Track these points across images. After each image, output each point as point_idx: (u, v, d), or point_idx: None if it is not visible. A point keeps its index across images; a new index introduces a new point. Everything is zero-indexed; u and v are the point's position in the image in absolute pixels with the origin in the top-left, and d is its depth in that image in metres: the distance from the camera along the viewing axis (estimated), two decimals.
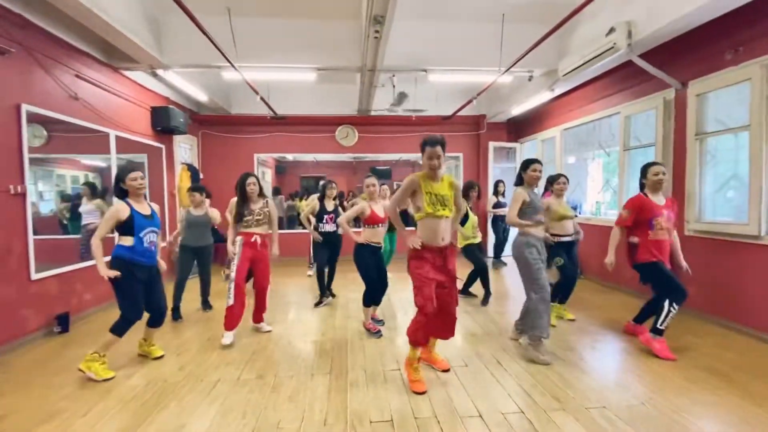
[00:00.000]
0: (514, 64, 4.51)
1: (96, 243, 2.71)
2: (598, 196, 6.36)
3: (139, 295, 2.87)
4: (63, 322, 3.68)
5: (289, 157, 11.34)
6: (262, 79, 5.21)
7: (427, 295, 2.50)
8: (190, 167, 6.50)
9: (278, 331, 3.70)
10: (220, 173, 7.21)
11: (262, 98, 5.64)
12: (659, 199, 3.18)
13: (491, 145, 7.48)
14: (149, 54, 4.38)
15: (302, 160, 11.91)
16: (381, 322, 3.86)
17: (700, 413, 2.26)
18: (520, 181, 3.28)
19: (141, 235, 2.81)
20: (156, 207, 3.06)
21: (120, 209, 2.75)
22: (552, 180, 3.89)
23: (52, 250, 3.86)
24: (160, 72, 4.89)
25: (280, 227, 7.40)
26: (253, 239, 3.53)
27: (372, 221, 3.59)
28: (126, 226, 2.77)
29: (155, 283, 2.99)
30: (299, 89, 6.98)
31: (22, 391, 2.60)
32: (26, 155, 3.45)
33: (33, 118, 3.57)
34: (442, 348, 3.08)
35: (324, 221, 4.50)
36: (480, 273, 4.56)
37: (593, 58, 4.24)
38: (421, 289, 2.53)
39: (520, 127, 7.67)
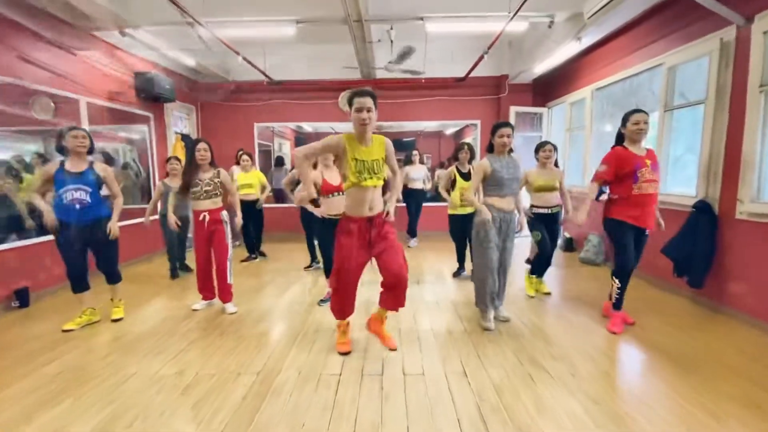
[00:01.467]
0: (523, 4, 3.66)
1: (34, 197, 2.89)
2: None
3: (67, 251, 2.99)
4: (22, 297, 3.56)
5: (308, 128, 10.94)
6: (237, 35, 4.68)
7: (342, 280, 2.47)
8: (184, 137, 6.25)
9: (236, 315, 3.36)
10: (220, 144, 6.90)
11: (244, 58, 5.16)
12: (639, 150, 2.87)
13: (512, 110, 6.54)
14: (109, 10, 4.01)
15: (322, 131, 11.46)
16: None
17: None
18: (490, 148, 2.94)
19: (60, 192, 2.89)
20: (103, 169, 3.08)
21: (50, 166, 2.95)
22: (537, 148, 3.68)
23: None
24: (131, 32, 4.52)
25: (284, 200, 7.12)
26: (201, 218, 3.27)
27: (325, 190, 3.18)
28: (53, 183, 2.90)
29: (95, 243, 3.06)
30: (297, 52, 6.42)
31: None
32: None
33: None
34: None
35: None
36: (457, 244, 4.38)
37: None
38: (339, 272, 2.47)
39: (547, 89, 6.65)
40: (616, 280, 2.96)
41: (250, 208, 5.04)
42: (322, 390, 2.21)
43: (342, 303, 2.58)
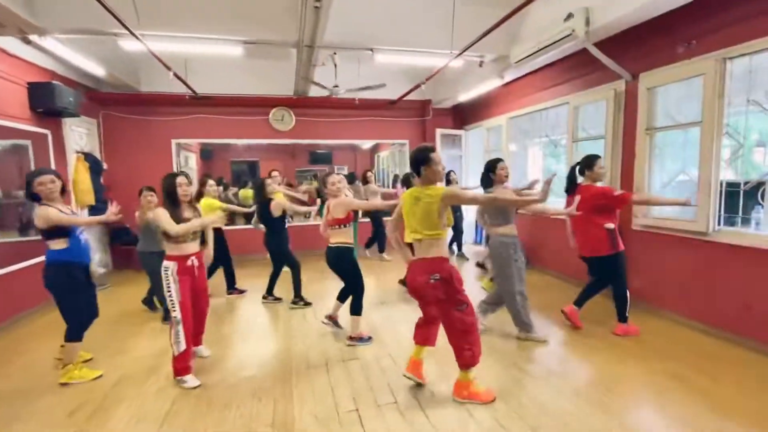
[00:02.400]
0: (467, 49, 4.15)
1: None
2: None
3: (83, 294, 2.83)
4: None
5: (218, 141, 10.17)
6: (176, 51, 4.29)
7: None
8: (88, 156, 5.38)
9: (208, 361, 3.08)
10: (129, 163, 6.12)
11: (176, 74, 4.72)
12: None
13: (438, 132, 7.17)
14: (13, 13, 3.33)
15: (232, 143, 10.75)
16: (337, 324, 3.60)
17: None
18: (489, 183, 3.25)
19: (77, 233, 2.78)
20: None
21: (50, 213, 2.61)
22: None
23: None
24: (35, 39, 3.79)
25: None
26: (189, 262, 2.77)
27: (330, 224, 3.28)
28: (59, 229, 2.67)
29: (91, 284, 2.94)
30: (226, 65, 6.05)
31: None
32: None
33: None
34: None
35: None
36: None
37: (548, 45, 4.01)
38: None
39: (465, 114, 7.45)
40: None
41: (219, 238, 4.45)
42: (348, 428, 2.25)
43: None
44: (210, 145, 11.40)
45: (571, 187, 3.49)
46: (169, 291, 2.66)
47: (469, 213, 6.62)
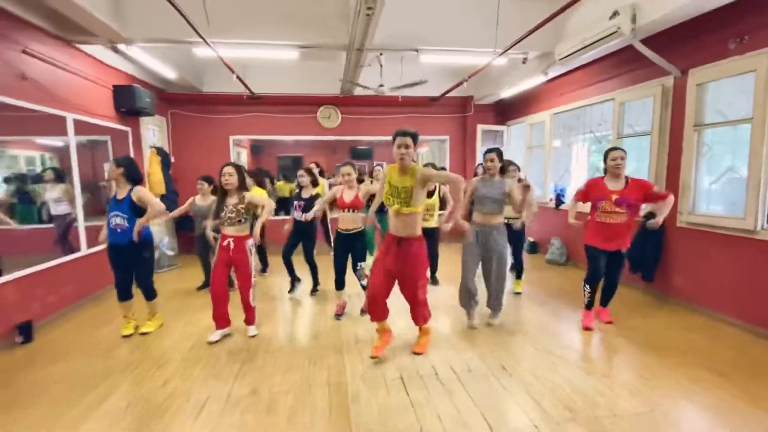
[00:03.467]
0: (513, 45, 4.27)
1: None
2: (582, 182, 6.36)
3: (113, 268, 3.38)
4: (25, 332, 3.33)
5: (267, 137, 10.78)
6: (239, 56, 4.74)
7: (372, 281, 2.91)
8: (159, 151, 6.00)
9: (266, 334, 3.49)
10: (192, 157, 6.73)
11: (238, 77, 5.18)
12: (616, 184, 3.31)
13: (479, 128, 7.28)
14: (107, 26, 3.87)
15: (278, 139, 11.34)
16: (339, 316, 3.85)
17: (698, 415, 2.25)
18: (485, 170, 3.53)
19: (108, 217, 3.28)
20: (138, 192, 3.29)
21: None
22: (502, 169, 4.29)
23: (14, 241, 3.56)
24: (121, 47, 4.35)
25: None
26: (225, 242, 3.24)
27: (339, 206, 3.62)
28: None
29: (131, 262, 3.36)
30: (278, 67, 6.50)
31: None
32: None
33: None
34: (445, 349, 2.99)
35: (294, 207, 4.33)
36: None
37: (594, 43, 4.05)
38: (372, 275, 2.94)
39: (507, 110, 7.49)
40: (587, 286, 3.49)
41: None
42: (394, 393, 2.53)
43: (372, 301, 2.98)
44: (259, 142, 12.11)
45: None
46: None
47: None
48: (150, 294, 3.53)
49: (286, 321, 3.86)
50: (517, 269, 4.55)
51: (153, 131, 6.18)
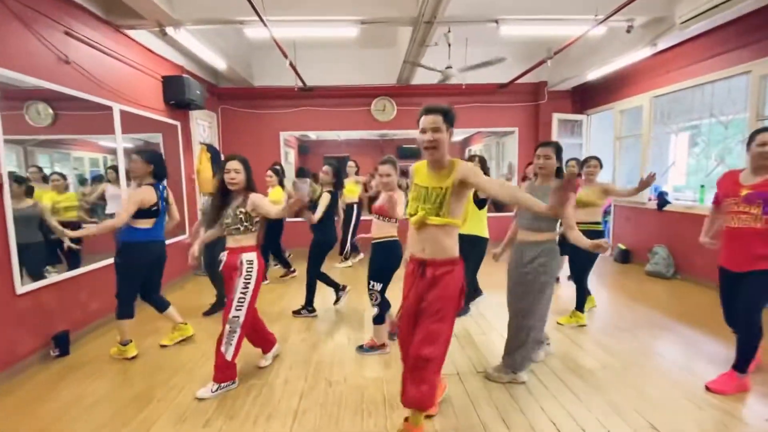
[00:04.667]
0: (621, 8, 3.42)
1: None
2: (682, 178, 5.29)
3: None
4: (61, 343, 2.97)
5: (312, 135, 10.43)
6: (293, 36, 4.25)
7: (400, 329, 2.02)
8: (209, 148, 5.66)
9: (322, 356, 2.90)
10: (243, 154, 6.34)
11: (291, 64, 4.70)
12: (756, 177, 2.35)
13: (555, 117, 6.36)
14: (156, 5, 3.49)
15: (325, 138, 10.95)
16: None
17: None
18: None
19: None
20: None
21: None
22: (582, 163, 3.56)
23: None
24: (170, 31, 3.99)
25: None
26: (219, 257, 2.56)
27: (375, 211, 2.91)
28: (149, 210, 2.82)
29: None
30: (329, 56, 6.02)
31: None
32: (0, 139, 2.65)
33: (9, 93, 2.76)
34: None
35: None
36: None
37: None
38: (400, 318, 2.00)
39: (587, 96, 6.52)
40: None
41: (271, 225, 4.33)
42: None
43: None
44: (306, 142, 11.84)
45: None
46: None
47: None
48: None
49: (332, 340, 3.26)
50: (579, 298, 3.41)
51: (203, 126, 5.89)
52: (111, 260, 3.51)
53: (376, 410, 2.23)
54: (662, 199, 4.96)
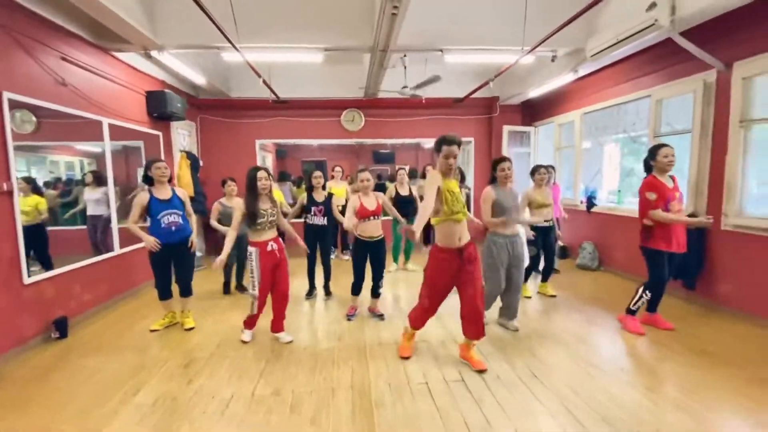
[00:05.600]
0: (541, 43, 4.13)
1: (132, 226, 3.29)
2: (613, 184, 6.09)
3: (161, 266, 3.46)
4: (61, 327, 3.44)
5: (290, 141, 10.92)
6: (265, 60, 4.81)
7: (431, 304, 2.82)
8: (189, 155, 6.15)
9: (296, 330, 3.48)
10: (220, 161, 6.89)
11: (264, 81, 5.26)
12: (668, 181, 3.21)
13: (506, 129, 7.11)
14: (142, 34, 4.00)
15: (302, 144, 11.44)
16: (381, 316, 3.81)
17: None
18: (494, 179, 3.38)
19: (158, 217, 3.35)
20: (181, 192, 3.58)
21: (142, 197, 3.32)
22: (533, 172, 4.27)
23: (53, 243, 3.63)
24: (154, 54, 4.49)
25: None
26: (269, 248, 3.12)
27: (361, 215, 3.54)
28: (147, 211, 3.33)
29: (181, 259, 3.53)
30: (302, 71, 6.58)
31: (19, 412, 2.38)
32: (11, 148, 3.13)
33: (16, 107, 3.23)
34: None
35: (312, 213, 4.29)
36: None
37: (629, 37, 3.87)
38: (431, 295, 2.79)
39: (535, 111, 7.30)
40: (648, 293, 3.35)
41: None
42: (420, 399, 2.45)
43: (423, 315, 2.91)
44: (284, 146, 12.30)
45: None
46: (252, 272, 3.08)
47: None
48: (190, 290, 3.68)
49: (308, 323, 3.84)
50: (546, 271, 4.50)
51: (183, 135, 6.36)
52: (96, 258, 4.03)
53: (326, 368, 2.83)
54: (590, 202, 5.74)
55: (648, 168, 3.31)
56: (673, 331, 3.38)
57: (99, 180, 4.33)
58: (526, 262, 3.72)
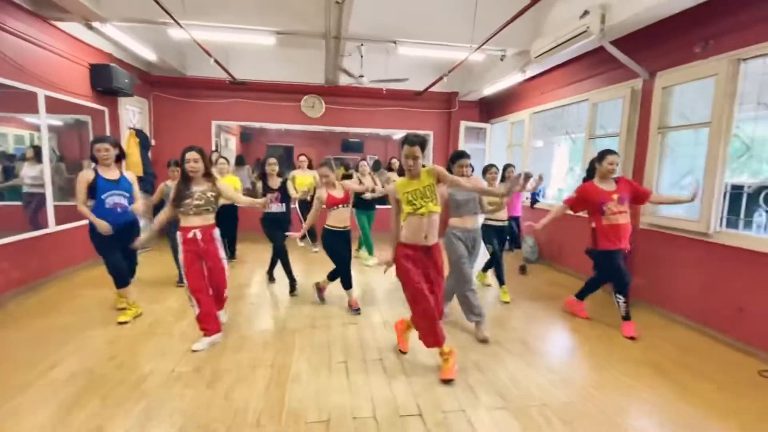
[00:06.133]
0: (486, 41, 4.29)
1: (82, 208, 3.12)
2: (561, 182, 6.41)
3: (109, 251, 3.26)
4: None
5: (256, 124, 10.74)
6: (216, 40, 4.74)
7: (424, 309, 2.53)
8: (138, 133, 5.98)
9: (233, 313, 3.55)
10: (174, 140, 6.71)
11: (216, 61, 5.18)
12: (608, 185, 3.34)
13: (463, 124, 7.30)
14: (81, 4, 3.86)
15: (269, 127, 11.26)
16: (357, 310, 3.66)
17: (638, 413, 2.31)
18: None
19: (103, 197, 3.16)
20: (130, 175, 3.41)
21: (86, 174, 3.15)
22: (485, 170, 4.21)
23: None
24: (97, 25, 4.34)
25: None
26: (191, 235, 2.86)
27: (330, 203, 3.51)
28: (91, 190, 3.13)
29: (128, 243, 3.27)
30: (262, 53, 6.49)
31: None
32: None
33: None
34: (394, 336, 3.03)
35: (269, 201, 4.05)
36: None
37: (565, 42, 4.08)
38: (416, 300, 2.54)
39: (491, 108, 7.52)
40: (620, 296, 3.38)
41: (225, 211, 4.70)
42: (335, 376, 2.58)
43: (426, 323, 2.56)
44: (249, 129, 12.05)
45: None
46: (177, 259, 3.08)
47: None
48: (133, 274, 3.54)
49: (250, 305, 3.89)
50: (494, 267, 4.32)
51: (132, 112, 6.17)
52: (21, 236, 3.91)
53: (254, 349, 2.92)
54: (534, 198, 6.02)
55: (592, 171, 3.43)
56: (589, 319, 3.65)
57: (40, 155, 4.17)
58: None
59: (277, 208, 4.16)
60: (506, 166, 4.84)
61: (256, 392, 2.37)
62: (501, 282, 4.22)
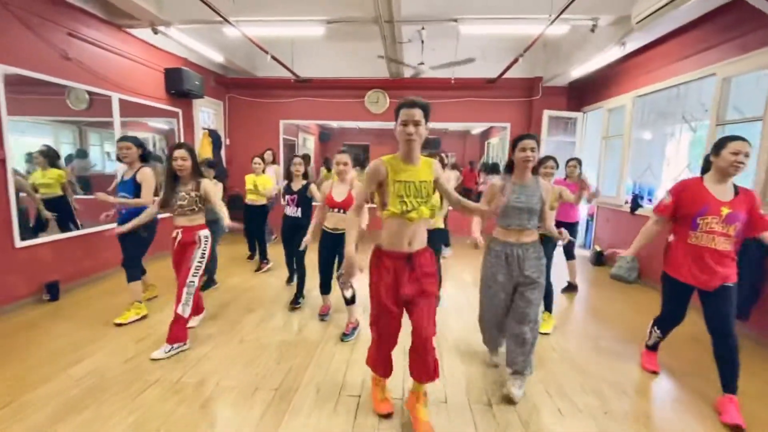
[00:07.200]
0: (568, 6, 3.45)
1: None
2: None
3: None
4: (52, 290, 3.65)
5: (334, 124, 10.84)
6: (266, 35, 4.65)
7: (382, 328, 2.03)
8: (212, 133, 6.29)
9: (252, 319, 3.37)
10: (247, 140, 6.97)
11: (273, 57, 5.12)
12: (722, 192, 2.21)
13: (546, 114, 6.29)
14: (145, 9, 4.03)
15: (347, 127, 11.26)
16: (324, 316, 3.42)
17: None
18: (509, 167, 2.43)
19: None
20: (142, 175, 3.16)
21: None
22: (540, 162, 3.14)
23: None
24: (162, 29, 4.53)
25: None
26: (173, 234, 2.85)
27: (329, 204, 3.08)
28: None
29: (123, 241, 3.27)
30: (326, 50, 6.36)
31: None
32: (5, 120, 3.30)
33: (13, 80, 3.39)
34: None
35: (285, 202, 3.75)
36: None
37: None
38: (378, 318, 2.02)
39: (584, 93, 6.36)
40: (657, 330, 2.65)
41: (253, 212, 4.76)
42: (341, 411, 2.16)
43: (377, 351, 2.12)
44: (328, 129, 12.31)
45: None
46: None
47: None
48: (131, 276, 3.36)
49: (271, 312, 3.60)
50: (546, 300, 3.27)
51: (207, 114, 6.50)
52: (100, 227, 4.18)
53: (266, 364, 2.65)
54: (635, 202, 4.87)
55: (707, 166, 2.31)
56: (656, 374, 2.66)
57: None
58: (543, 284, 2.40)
59: (291, 212, 3.73)
60: (568, 161, 3.90)
61: (248, 420, 2.07)
62: (545, 307, 3.28)
